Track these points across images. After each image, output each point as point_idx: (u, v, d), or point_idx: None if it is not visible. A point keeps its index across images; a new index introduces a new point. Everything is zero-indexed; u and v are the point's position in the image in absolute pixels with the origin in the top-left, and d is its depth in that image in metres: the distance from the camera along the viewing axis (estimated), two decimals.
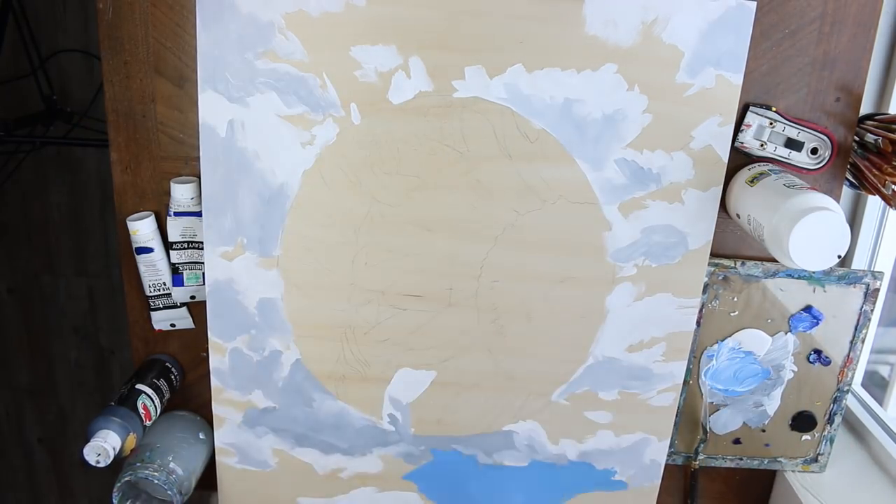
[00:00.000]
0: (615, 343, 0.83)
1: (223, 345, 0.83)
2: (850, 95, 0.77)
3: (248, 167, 0.77)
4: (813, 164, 0.78)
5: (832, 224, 0.64)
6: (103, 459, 0.72)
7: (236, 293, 0.81)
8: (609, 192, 0.78)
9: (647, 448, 0.88)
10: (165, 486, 0.77)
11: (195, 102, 0.75)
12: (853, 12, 0.74)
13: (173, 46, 0.75)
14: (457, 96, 0.75)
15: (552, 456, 0.88)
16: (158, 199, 0.80)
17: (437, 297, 0.82)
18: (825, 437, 0.89)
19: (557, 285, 0.81)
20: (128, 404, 0.77)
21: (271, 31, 0.73)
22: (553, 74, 0.74)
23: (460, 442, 0.88)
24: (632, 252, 0.80)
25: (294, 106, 0.75)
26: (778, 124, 0.77)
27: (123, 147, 0.79)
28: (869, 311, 0.83)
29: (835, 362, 0.85)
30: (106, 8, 0.74)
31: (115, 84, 0.76)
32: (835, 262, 0.65)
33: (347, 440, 0.88)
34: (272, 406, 0.86)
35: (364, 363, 0.84)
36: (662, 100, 0.75)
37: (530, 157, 0.77)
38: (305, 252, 0.80)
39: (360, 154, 0.77)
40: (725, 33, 0.73)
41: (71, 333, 1.97)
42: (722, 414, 0.88)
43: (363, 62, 0.74)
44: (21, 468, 2.11)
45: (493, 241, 0.80)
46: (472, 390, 0.85)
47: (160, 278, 0.81)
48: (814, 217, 0.63)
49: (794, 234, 0.64)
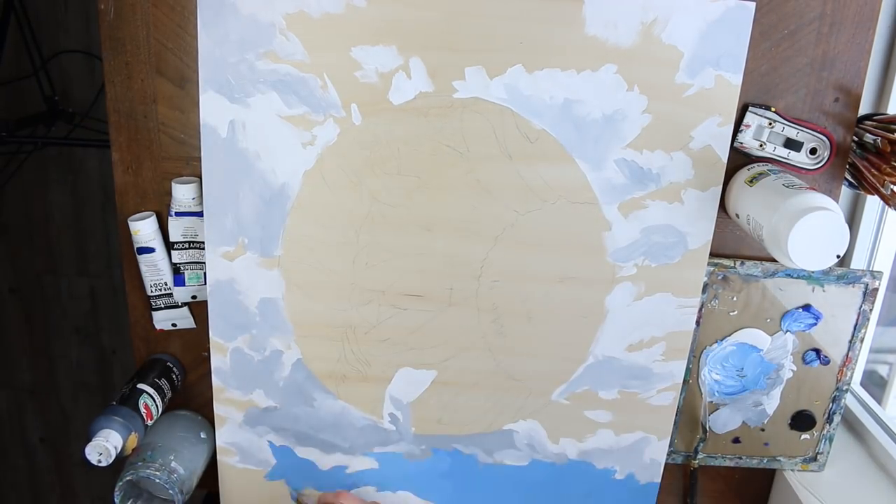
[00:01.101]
0: (615, 342, 0.83)
1: (224, 344, 0.84)
2: (849, 96, 0.77)
3: (249, 167, 0.77)
4: (812, 165, 0.78)
5: (831, 224, 0.64)
6: (105, 459, 0.72)
7: (237, 293, 0.81)
8: (609, 192, 0.78)
9: (647, 447, 0.88)
10: (167, 485, 0.78)
11: (196, 103, 0.76)
12: (852, 13, 0.74)
13: (174, 47, 0.76)
14: (457, 97, 0.75)
15: (552, 455, 0.89)
16: (160, 199, 0.81)
17: (438, 296, 0.82)
18: (824, 437, 0.89)
19: (557, 285, 0.81)
20: (129, 404, 0.77)
21: (272, 31, 0.73)
22: (553, 75, 0.74)
23: (461, 441, 0.88)
24: (632, 252, 0.80)
25: (295, 106, 0.75)
26: (777, 124, 0.77)
27: (125, 147, 0.79)
28: (868, 310, 0.83)
29: (834, 362, 0.85)
30: (107, 9, 0.74)
31: (117, 84, 0.77)
32: (834, 261, 0.65)
33: (348, 439, 0.88)
34: (273, 405, 0.86)
35: (365, 363, 0.85)
36: (662, 100, 0.75)
37: (530, 157, 0.77)
38: (306, 252, 0.80)
39: (361, 154, 0.77)
40: (725, 34, 0.73)
41: (72, 333, 1.98)
42: (721, 413, 0.88)
43: (364, 63, 0.74)
44: (23, 468, 2.12)
45: (494, 241, 0.80)
46: (472, 390, 0.86)
47: (161, 278, 0.82)
48: (813, 217, 0.64)
49: (793, 234, 0.64)
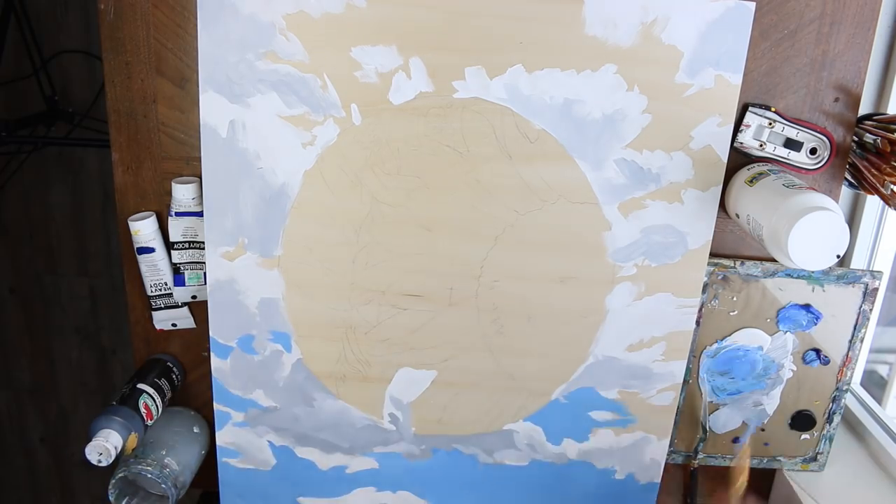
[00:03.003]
0: (615, 342, 0.83)
1: (224, 344, 0.84)
2: (848, 96, 0.77)
3: (249, 167, 0.77)
4: (812, 165, 0.78)
5: (831, 224, 0.64)
6: (105, 459, 0.72)
7: (237, 293, 0.81)
8: (609, 192, 0.78)
9: (647, 447, 0.88)
10: (160, 479, 0.78)
11: (196, 103, 0.76)
12: (852, 13, 0.74)
13: (174, 47, 0.76)
14: (457, 97, 0.75)
15: (552, 455, 0.89)
16: (160, 199, 0.81)
17: (438, 296, 0.82)
18: (824, 436, 0.89)
19: (557, 285, 0.81)
20: (129, 404, 0.77)
21: (272, 31, 0.73)
22: (553, 75, 0.74)
23: (461, 441, 0.88)
24: (631, 252, 0.80)
25: (295, 106, 0.75)
26: (777, 124, 0.77)
27: (125, 147, 0.79)
28: (868, 310, 0.83)
29: (834, 362, 0.85)
30: (107, 9, 0.74)
31: (117, 84, 0.77)
32: (834, 261, 0.65)
33: (348, 439, 0.88)
34: (273, 406, 0.86)
35: (365, 363, 0.85)
36: (662, 100, 0.75)
37: (530, 157, 0.77)
38: (306, 252, 0.80)
39: (361, 154, 0.77)
40: (725, 34, 0.73)
41: (72, 333, 1.98)
42: (721, 413, 0.88)
43: (364, 63, 0.74)
44: (23, 468, 2.12)
45: (494, 241, 0.80)
46: (472, 390, 0.86)
47: (161, 278, 0.82)
48: (813, 217, 0.64)
49: (794, 234, 0.64)
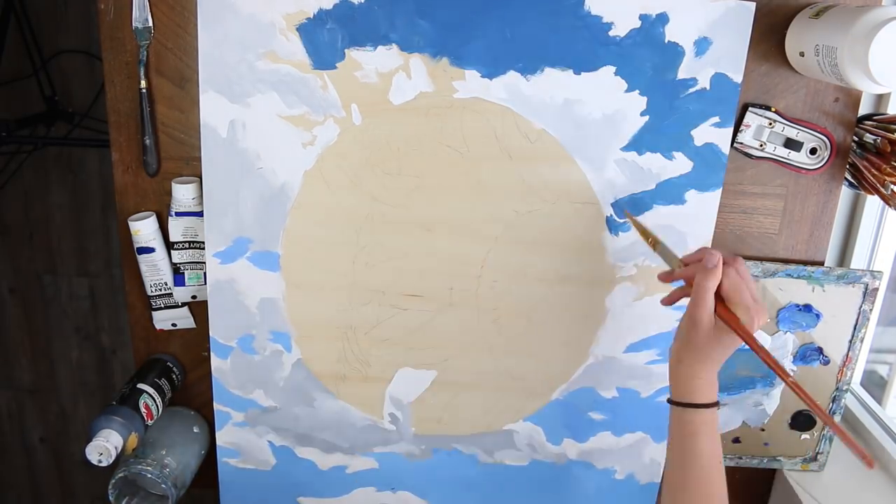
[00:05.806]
0: (615, 342, 0.83)
1: (224, 344, 0.83)
2: (848, 96, 0.77)
3: (249, 167, 0.77)
4: (812, 165, 0.78)
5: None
6: (105, 459, 0.72)
7: (237, 293, 0.81)
8: (609, 192, 0.78)
9: (647, 447, 0.88)
10: (159, 479, 0.78)
11: (196, 103, 0.76)
12: None
13: (174, 47, 0.75)
14: (457, 97, 0.75)
15: (552, 455, 0.89)
16: (160, 199, 0.81)
17: (438, 296, 0.82)
18: (824, 436, 0.89)
19: (557, 285, 0.81)
20: (129, 404, 0.77)
21: (272, 31, 0.73)
22: (553, 75, 0.74)
23: (461, 441, 0.88)
24: (632, 252, 0.80)
25: (295, 106, 0.75)
26: (777, 124, 0.77)
27: (125, 147, 0.79)
28: (868, 310, 0.83)
29: (834, 362, 0.85)
30: (107, 9, 0.74)
31: (117, 84, 0.77)
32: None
33: (348, 439, 0.88)
34: (273, 405, 0.86)
35: (365, 363, 0.85)
36: (662, 100, 0.75)
37: (530, 157, 0.77)
38: (306, 252, 0.80)
39: (361, 154, 0.77)
40: (725, 33, 0.73)
41: (72, 333, 1.98)
42: (721, 413, 0.88)
43: (364, 63, 0.74)
44: (23, 468, 2.12)
45: (494, 241, 0.80)
46: (472, 390, 0.86)
47: (162, 278, 0.82)
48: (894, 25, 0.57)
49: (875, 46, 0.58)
